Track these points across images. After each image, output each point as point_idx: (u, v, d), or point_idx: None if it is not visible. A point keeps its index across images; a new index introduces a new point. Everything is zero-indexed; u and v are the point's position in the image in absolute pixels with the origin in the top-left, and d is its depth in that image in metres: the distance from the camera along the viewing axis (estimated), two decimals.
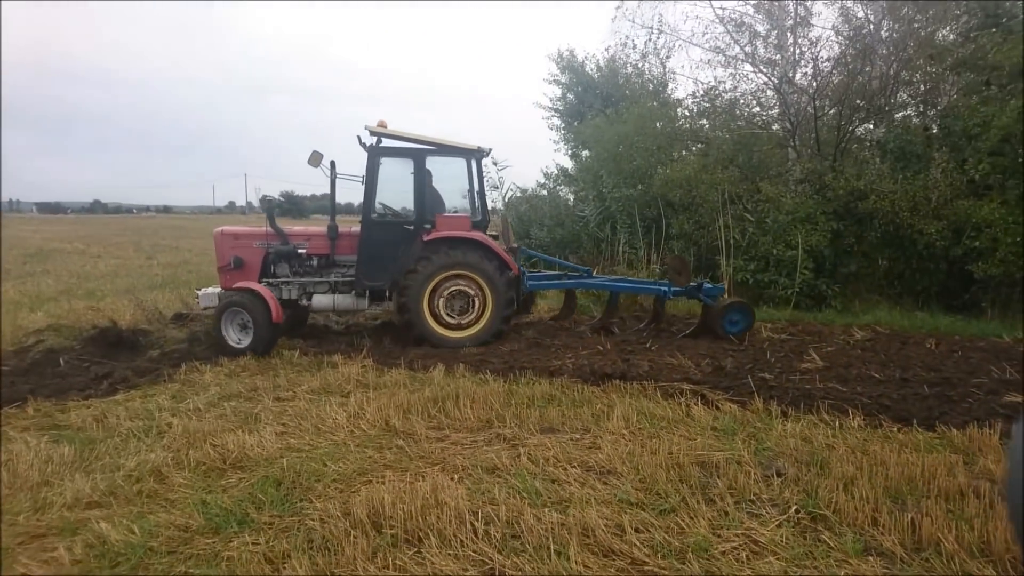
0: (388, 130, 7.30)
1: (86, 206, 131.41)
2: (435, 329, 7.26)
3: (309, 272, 7.51)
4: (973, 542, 2.94)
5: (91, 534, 3.05)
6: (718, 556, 2.90)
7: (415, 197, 7.41)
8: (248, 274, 7.18)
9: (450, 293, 7.29)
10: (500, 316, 7.42)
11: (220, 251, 7.26)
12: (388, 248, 7.33)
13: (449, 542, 2.95)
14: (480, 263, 7.29)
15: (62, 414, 4.88)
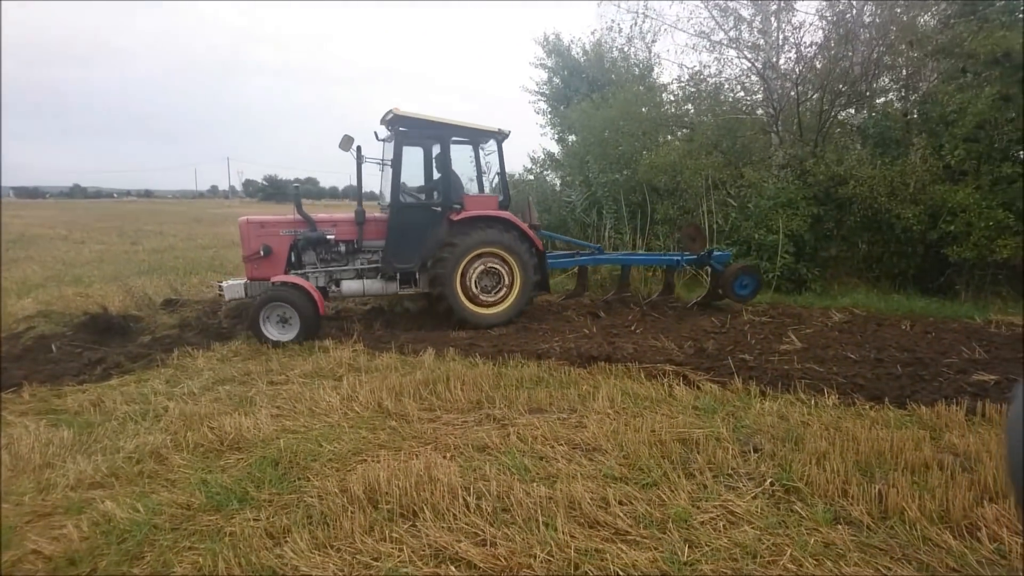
0: (413, 114, 7.34)
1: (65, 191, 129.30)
2: (467, 306, 7.45)
3: (336, 259, 7.49)
4: (934, 510, 3.13)
5: (96, 512, 3.16)
6: (697, 526, 3.07)
7: (442, 179, 7.55)
8: (276, 263, 7.11)
9: (480, 271, 7.50)
10: (527, 293, 7.69)
11: (246, 240, 7.07)
12: (417, 230, 7.42)
13: (443, 516, 3.10)
14: (510, 242, 7.55)
15: (58, 399, 4.96)
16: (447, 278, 7.29)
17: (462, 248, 7.31)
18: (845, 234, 10.22)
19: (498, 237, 7.51)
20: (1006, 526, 2.99)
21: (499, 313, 7.61)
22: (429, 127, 7.48)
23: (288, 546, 2.85)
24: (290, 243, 7.21)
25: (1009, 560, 2.80)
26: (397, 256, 7.42)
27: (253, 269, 7.05)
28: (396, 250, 7.41)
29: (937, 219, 8.92)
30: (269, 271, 7.02)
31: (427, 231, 7.44)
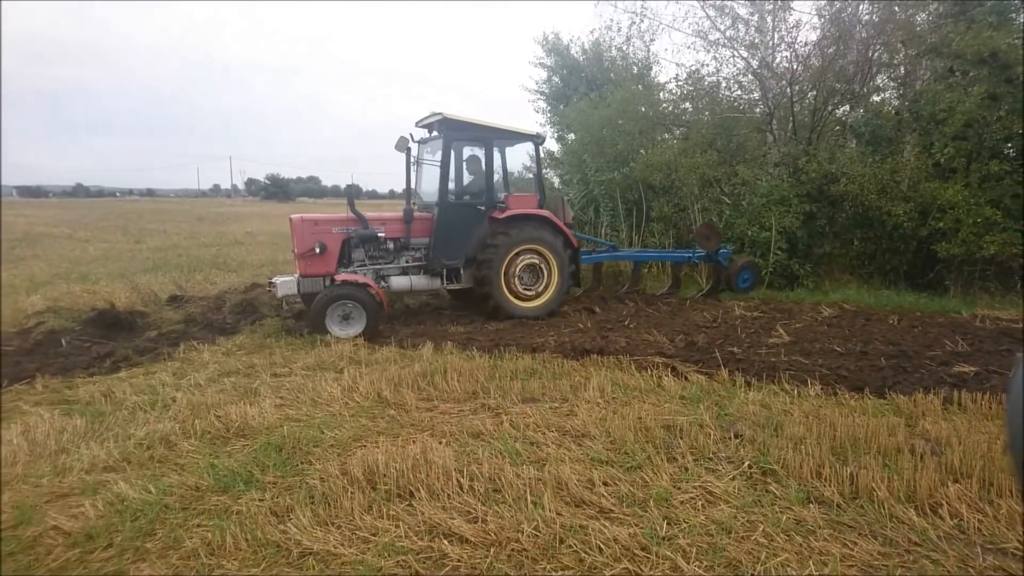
0: (461, 117, 7.68)
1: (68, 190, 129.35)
2: (510, 300, 7.83)
3: (383, 256, 7.74)
4: (901, 490, 3.31)
5: (111, 493, 3.35)
6: (677, 505, 3.25)
7: (486, 179, 7.91)
8: (328, 260, 7.27)
9: (523, 267, 7.87)
10: (564, 288, 8.12)
11: (300, 238, 7.21)
12: (462, 228, 7.79)
13: (437, 495, 3.29)
14: (549, 239, 7.95)
15: (70, 390, 5.15)
16: (493, 273, 7.65)
17: (507, 245, 7.70)
18: (838, 231, 10.38)
19: (539, 234, 7.92)
20: (966, 504, 3.17)
21: (539, 306, 8.00)
22: (475, 130, 7.87)
23: (292, 523, 3.04)
24: (342, 240, 7.41)
25: (967, 535, 2.99)
26: (443, 253, 7.76)
27: (307, 266, 7.20)
28: (442, 247, 7.75)
29: (927, 216, 9.08)
30: (322, 268, 7.22)
31: (472, 229, 7.82)
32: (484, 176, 8.01)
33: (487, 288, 7.67)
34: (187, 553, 2.86)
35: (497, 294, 7.71)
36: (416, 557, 2.79)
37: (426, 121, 8.04)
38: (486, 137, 7.93)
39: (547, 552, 2.84)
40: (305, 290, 7.19)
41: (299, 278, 7.20)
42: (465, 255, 7.81)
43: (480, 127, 7.86)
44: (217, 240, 18.90)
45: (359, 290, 6.90)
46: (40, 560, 2.84)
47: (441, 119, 7.64)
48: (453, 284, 7.96)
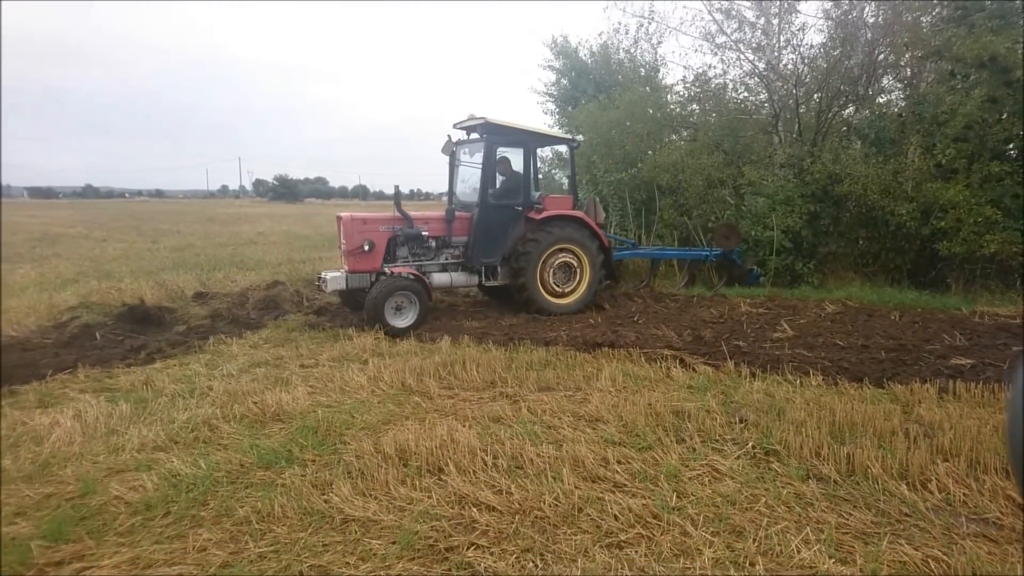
0: (502, 122, 8.03)
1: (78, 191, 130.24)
2: (545, 296, 8.15)
3: (425, 253, 8.06)
4: (894, 467, 3.58)
5: (164, 469, 3.65)
6: (685, 480, 3.52)
7: (524, 181, 8.30)
8: (375, 257, 7.58)
9: (557, 265, 8.18)
10: (595, 284, 8.45)
11: (349, 236, 7.52)
12: (500, 227, 8.13)
13: (465, 471, 3.57)
14: (582, 238, 8.29)
15: (110, 379, 5.46)
16: (529, 271, 7.96)
17: (543, 244, 8.02)
18: (843, 230, 10.61)
19: (573, 234, 8.25)
20: (954, 479, 3.43)
21: (571, 303, 8.32)
22: (516, 134, 8.24)
23: (333, 494, 3.32)
24: (388, 238, 7.72)
25: (953, 507, 3.25)
26: (482, 250, 8.09)
27: (355, 262, 7.52)
28: (481, 245, 8.08)
29: (929, 215, 9.30)
30: (369, 264, 7.54)
31: (509, 228, 8.16)
32: (513, 177, 8.37)
33: (523, 284, 7.99)
34: (239, 520, 3.14)
35: (532, 291, 8.03)
36: (448, 523, 3.07)
37: (466, 124, 8.38)
38: (525, 141, 8.29)
39: (567, 519, 3.12)
40: (352, 285, 7.54)
41: (347, 274, 7.52)
42: (502, 253, 8.15)
43: (520, 131, 8.24)
44: (231, 240, 19.24)
45: (415, 283, 7.30)
46: (108, 525, 3.13)
47: (483, 123, 7.98)
48: (490, 281, 8.28)
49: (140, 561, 2.83)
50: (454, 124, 8.66)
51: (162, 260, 13.40)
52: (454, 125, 8.66)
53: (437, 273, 8.03)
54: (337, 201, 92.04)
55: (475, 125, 8.25)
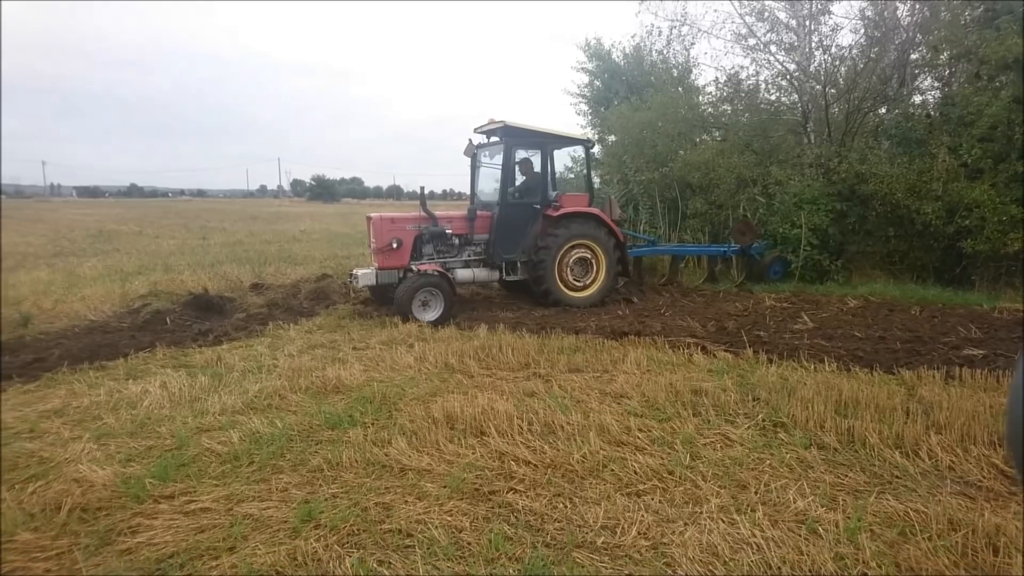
0: (521, 124, 8.54)
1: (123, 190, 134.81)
2: (563, 290, 8.61)
3: (448, 250, 8.55)
4: (890, 438, 3.96)
5: (245, 429, 4.23)
6: (699, 446, 3.97)
7: (542, 180, 8.76)
8: (403, 254, 8.07)
9: (574, 260, 8.65)
10: (611, 279, 8.93)
11: (379, 235, 8.01)
12: (520, 225, 8.59)
13: (504, 433, 4.07)
14: (598, 234, 8.73)
15: (185, 357, 6.12)
16: (548, 266, 8.41)
17: (560, 240, 8.48)
18: (870, 228, 10.82)
19: (590, 231, 8.70)
20: (943, 448, 3.81)
21: (588, 296, 8.76)
22: (534, 136, 8.70)
23: (392, 448, 3.86)
24: (415, 237, 8.21)
25: (940, 471, 3.63)
26: (503, 247, 8.55)
27: (384, 259, 8.02)
28: (502, 242, 8.54)
29: (954, 214, 9.49)
30: (397, 261, 8.03)
31: (528, 226, 8.61)
32: (534, 177, 8.81)
33: (542, 278, 8.42)
34: (313, 468, 3.70)
35: (551, 285, 8.47)
36: (490, 472, 3.58)
37: (486, 128, 8.88)
38: (542, 142, 8.74)
39: (593, 472, 3.60)
40: (382, 281, 8.03)
41: (377, 270, 8.03)
42: (522, 249, 8.58)
43: (538, 133, 8.69)
44: (276, 237, 20.11)
45: (441, 279, 7.76)
46: (203, 470, 3.71)
47: (503, 126, 8.47)
48: (511, 276, 8.73)
49: (234, 497, 3.40)
50: (475, 128, 9.14)
51: (215, 255, 14.22)
52: (475, 129, 9.14)
53: (460, 269, 8.47)
54: (372, 201, 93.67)
55: (495, 128, 8.70)
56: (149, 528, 3.08)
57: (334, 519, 3.10)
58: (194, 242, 18.68)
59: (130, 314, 7.92)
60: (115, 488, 3.43)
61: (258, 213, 41.63)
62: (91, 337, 6.86)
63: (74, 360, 5.86)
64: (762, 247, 10.67)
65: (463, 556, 2.83)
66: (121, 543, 2.96)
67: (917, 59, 11.94)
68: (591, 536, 2.98)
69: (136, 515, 3.20)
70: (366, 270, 8.15)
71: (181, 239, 19.94)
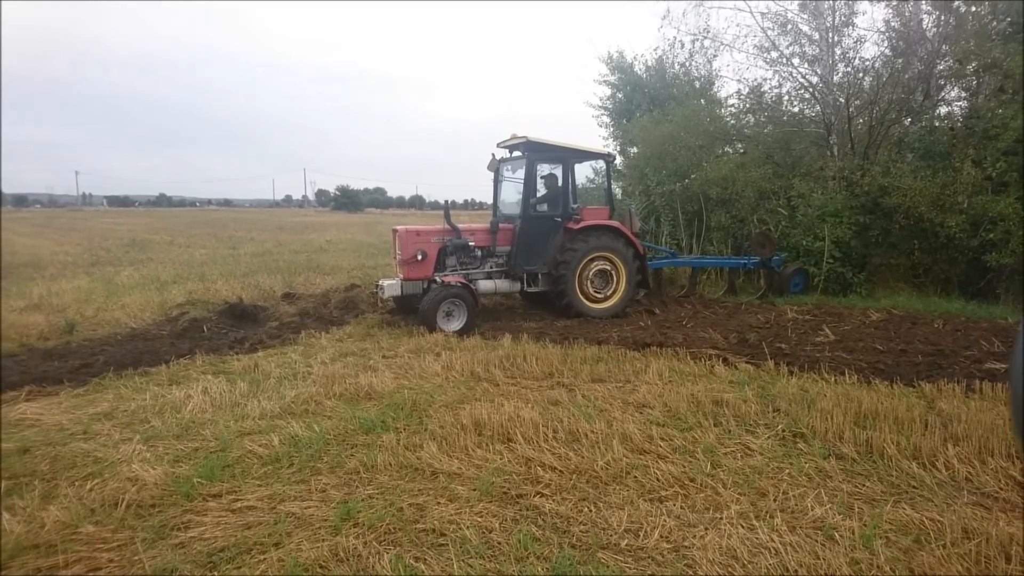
0: (543, 139, 8.73)
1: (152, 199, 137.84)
2: (583, 302, 8.74)
3: (471, 262, 8.71)
4: (908, 449, 4.06)
5: (284, 432, 4.45)
6: (720, 455, 4.10)
7: (563, 193, 8.93)
8: (427, 266, 8.24)
9: (595, 272, 8.78)
10: (631, 290, 9.03)
11: (405, 247, 8.18)
12: (541, 237, 8.76)
13: (530, 440, 4.24)
14: (618, 247, 8.89)
15: (224, 364, 6.38)
16: (568, 277, 8.57)
17: (581, 252, 8.64)
18: (893, 241, 10.81)
19: (610, 243, 8.86)
20: (960, 460, 3.89)
21: (608, 307, 8.88)
22: (555, 150, 8.89)
23: (423, 452, 4.05)
24: (438, 249, 8.39)
25: (957, 482, 3.72)
26: (525, 259, 8.72)
27: (409, 271, 8.20)
28: (524, 254, 8.71)
29: (979, 227, 9.47)
30: (422, 273, 8.22)
31: (550, 238, 8.78)
32: (555, 190, 9.01)
33: (563, 289, 8.57)
34: (350, 470, 3.90)
35: (572, 296, 8.62)
36: (518, 477, 3.75)
37: (509, 143, 9.08)
38: (564, 156, 8.94)
39: (616, 479, 3.75)
40: (407, 292, 8.20)
41: (402, 281, 8.21)
42: (543, 261, 8.73)
43: (559, 148, 8.87)
44: (304, 247, 20.56)
45: (464, 290, 7.92)
46: (246, 471, 3.93)
47: (526, 141, 8.66)
48: (532, 287, 8.87)
49: (276, 496, 3.60)
50: (498, 143, 9.31)
51: (246, 264, 14.62)
52: (498, 144, 9.31)
53: (483, 280, 8.62)
54: (395, 211, 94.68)
55: (518, 143, 8.88)
56: (199, 524, 3.29)
57: (371, 518, 3.29)
58: (224, 252, 19.17)
59: (169, 322, 8.25)
60: (166, 486, 3.67)
61: (284, 223, 42.38)
62: (133, 344, 7.18)
63: (119, 366, 6.16)
64: (782, 259, 10.74)
65: (494, 555, 3.00)
66: (175, 537, 3.18)
67: (943, 69, 11.93)
68: (615, 538, 3.13)
69: (187, 512, 3.43)
70: (391, 281, 8.36)
71: (212, 249, 20.47)
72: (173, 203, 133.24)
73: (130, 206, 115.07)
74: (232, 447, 4.25)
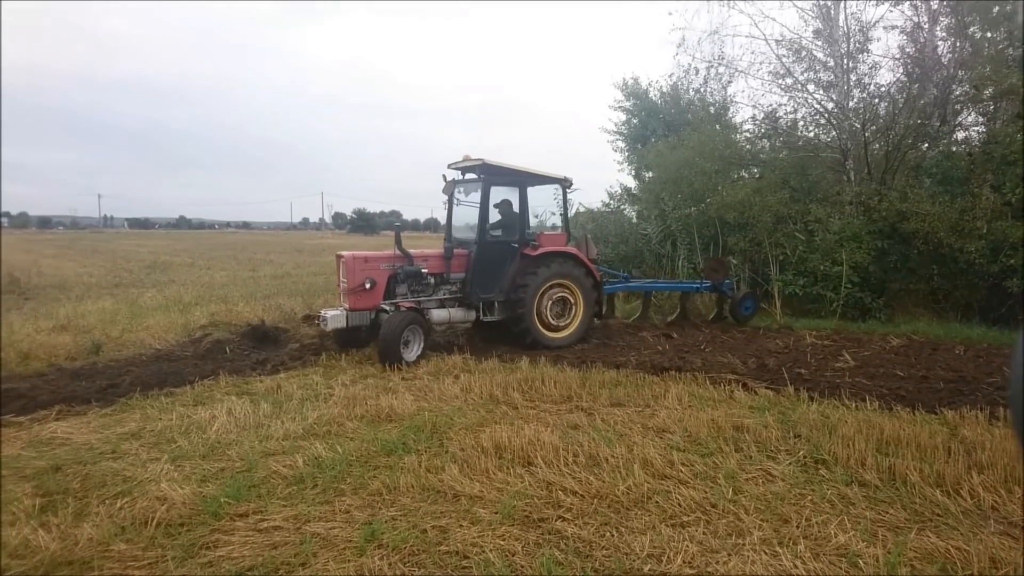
0: (498, 163, 8.44)
1: (172, 222, 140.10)
2: (541, 330, 8.43)
3: (424, 289, 8.27)
4: (931, 476, 4.03)
5: (307, 453, 4.51)
6: (742, 481, 4.09)
7: (519, 219, 8.64)
8: (376, 295, 7.75)
9: (553, 300, 8.53)
10: (589, 318, 8.83)
11: (352, 274, 7.69)
12: (497, 264, 8.43)
13: (551, 464, 4.27)
14: (576, 274, 8.66)
15: (247, 385, 6.48)
16: (527, 304, 8.24)
17: (540, 279, 8.35)
18: (912, 266, 10.77)
19: (569, 270, 8.61)
20: (986, 488, 3.86)
21: (566, 336, 8.61)
22: (512, 174, 8.57)
23: (444, 475, 4.09)
24: (388, 276, 7.91)
25: (983, 511, 3.68)
26: (481, 287, 8.33)
27: (356, 300, 7.69)
28: (480, 281, 8.31)
29: (999, 253, 9.42)
30: (370, 302, 7.74)
31: (506, 264, 8.45)
32: (511, 215, 8.71)
33: (521, 317, 8.22)
34: (373, 491, 3.94)
35: (530, 324, 8.26)
36: (539, 501, 3.78)
37: (462, 165, 8.66)
38: (520, 180, 8.61)
39: (638, 504, 3.76)
40: (353, 323, 7.76)
41: (348, 312, 7.71)
42: (500, 289, 8.36)
43: (516, 171, 8.55)
44: (322, 269, 20.74)
45: (421, 315, 7.66)
46: (271, 491, 3.99)
47: (482, 164, 8.30)
48: (488, 316, 8.46)
49: (302, 517, 3.65)
50: (449, 164, 8.91)
51: (266, 287, 14.83)
52: (449, 165, 8.90)
53: (435, 309, 8.18)
54: (409, 233, 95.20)
55: (473, 166, 8.52)
56: (227, 543, 3.35)
57: (395, 540, 3.33)
58: (244, 274, 19.45)
59: (192, 343, 8.38)
60: (194, 506, 3.73)
61: (302, 246, 42.86)
62: (158, 365, 7.31)
63: (145, 386, 6.27)
64: (732, 283, 10.71)
65: None
66: (203, 556, 3.24)
67: (960, 95, 11.96)
68: (638, 563, 3.14)
69: (215, 531, 3.49)
70: (335, 312, 7.75)
71: (232, 271, 20.77)
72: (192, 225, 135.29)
73: (150, 228, 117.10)
74: (257, 467, 4.32)
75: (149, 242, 48.36)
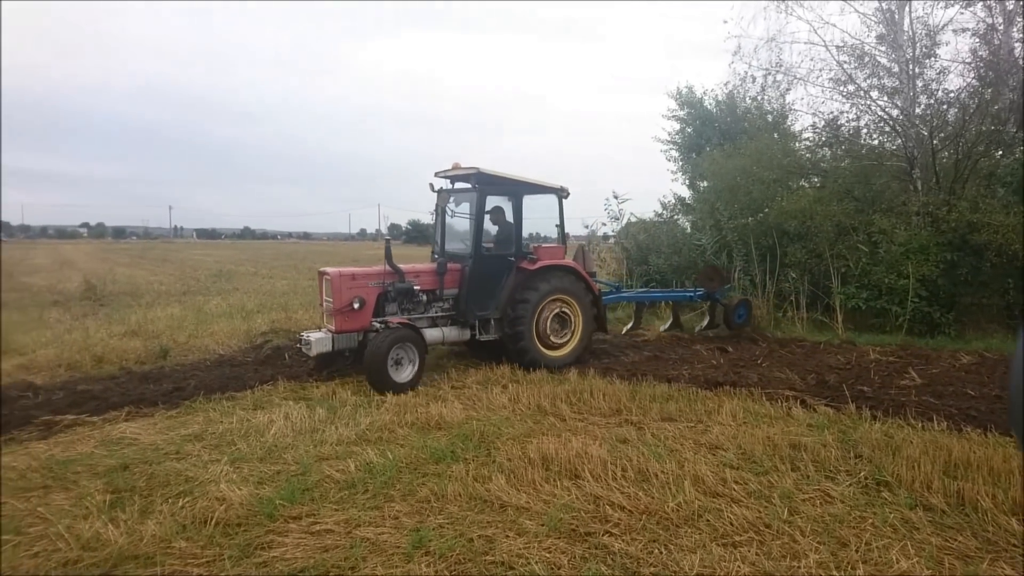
0: (494, 171, 7.82)
1: (237, 232, 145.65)
2: (540, 349, 7.87)
3: (415, 307, 7.67)
4: (1006, 503, 3.80)
5: (359, 459, 4.61)
6: (798, 502, 3.96)
7: (515, 231, 8.03)
8: (365, 315, 7.11)
9: (553, 316, 7.95)
10: (588, 335, 8.34)
11: (338, 294, 7.00)
12: (493, 279, 7.87)
13: (598, 477, 4.23)
14: (575, 289, 8.17)
15: (304, 390, 6.67)
16: (526, 322, 7.68)
17: (540, 295, 7.80)
18: (984, 280, 10.21)
19: (569, 285, 8.09)
20: None
21: (566, 355, 8.07)
22: (506, 184, 8.00)
23: (492, 485, 4.11)
24: (378, 294, 7.30)
25: None
26: (477, 303, 7.77)
27: (343, 321, 7.00)
28: (475, 298, 7.75)
29: None
30: (358, 323, 7.09)
31: (501, 279, 7.89)
32: (506, 227, 8.16)
33: (519, 335, 7.67)
34: (421, 499, 4.00)
35: (528, 343, 7.72)
36: (586, 514, 3.75)
37: (451, 173, 8.10)
38: (515, 190, 8.02)
39: (688, 521, 3.69)
40: (340, 346, 7.12)
41: (333, 335, 7.05)
42: (496, 306, 7.81)
43: (511, 181, 8.01)
44: None
45: (414, 332, 6.98)
46: (324, 495, 4.09)
47: (476, 173, 7.73)
48: (483, 335, 7.88)
49: (352, 521, 3.73)
50: (436, 173, 8.32)
51: None
52: (436, 174, 8.32)
53: (428, 328, 7.53)
54: None
55: (465, 175, 7.96)
56: (281, 544, 3.45)
57: (442, 547, 3.37)
58: (304, 283, 19.99)
59: (253, 349, 8.69)
60: (251, 507, 3.86)
61: (360, 255, 43.84)
62: (220, 369, 7.61)
63: (208, 390, 6.54)
64: (725, 291, 10.57)
65: None
66: (258, 556, 3.35)
67: None
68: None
69: (269, 532, 3.60)
70: (320, 334, 7.11)
71: (292, 280, 21.42)
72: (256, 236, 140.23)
73: (217, 238, 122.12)
74: (311, 471, 4.43)
75: (215, 251, 50.43)
